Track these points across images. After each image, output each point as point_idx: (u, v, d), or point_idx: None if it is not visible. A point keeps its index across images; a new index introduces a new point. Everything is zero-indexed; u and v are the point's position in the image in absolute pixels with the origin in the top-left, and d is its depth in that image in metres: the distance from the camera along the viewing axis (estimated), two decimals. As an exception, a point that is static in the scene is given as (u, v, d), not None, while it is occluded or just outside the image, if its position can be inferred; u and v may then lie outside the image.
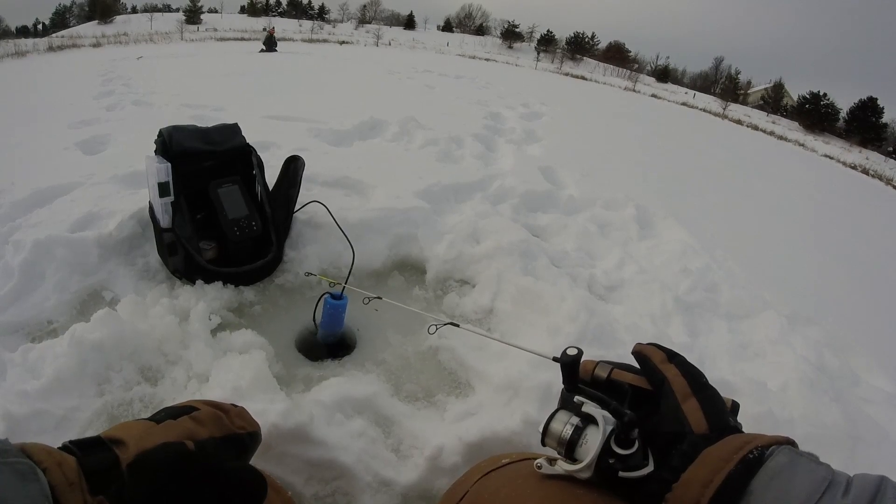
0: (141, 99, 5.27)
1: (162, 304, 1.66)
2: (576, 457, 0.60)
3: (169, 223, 1.86)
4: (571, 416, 0.62)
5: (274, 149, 3.31)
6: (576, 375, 0.68)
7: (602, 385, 0.65)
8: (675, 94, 32.49)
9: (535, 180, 3.41)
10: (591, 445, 0.59)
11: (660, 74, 51.47)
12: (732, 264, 2.77)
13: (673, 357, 0.63)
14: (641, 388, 0.64)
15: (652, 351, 0.66)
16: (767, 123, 28.16)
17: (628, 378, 0.65)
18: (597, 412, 0.60)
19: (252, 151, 2.11)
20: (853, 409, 1.70)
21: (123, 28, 36.35)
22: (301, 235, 2.14)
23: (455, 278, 2.18)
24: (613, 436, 0.58)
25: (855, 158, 21.07)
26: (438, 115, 5.19)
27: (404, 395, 1.56)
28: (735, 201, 4.73)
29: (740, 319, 2.28)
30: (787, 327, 2.19)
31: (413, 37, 46.62)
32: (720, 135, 11.84)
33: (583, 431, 0.60)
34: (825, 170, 11.83)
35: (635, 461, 0.56)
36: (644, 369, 0.65)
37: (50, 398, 1.28)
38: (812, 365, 1.89)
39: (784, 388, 1.76)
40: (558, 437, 0.62)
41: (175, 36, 25.90)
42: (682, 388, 0.59)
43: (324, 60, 12.47)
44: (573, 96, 11.72)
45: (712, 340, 2.09)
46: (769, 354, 2.03)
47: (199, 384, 1.40)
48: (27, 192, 2.40)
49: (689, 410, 0.56)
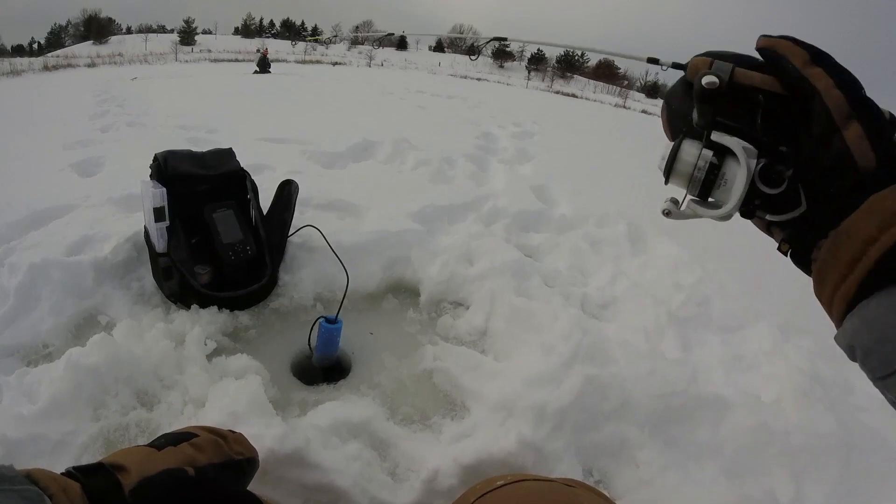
0: (135, 120, 5.30)
1: (158, 328, 1.67)
2: (713, 199, 0.51)
3: (164, 248, 1.87)
4: (702, 148, 0.50)
5: (268, 171, 3.34)
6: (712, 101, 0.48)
7: (720, 94, 0.47)
8: (664, 110, 32.80)
9: (528, 200, 3.45)
10: (732, 186, 0.48)
11: (649, 90, 52.20)
12: (725, 276, 2.77)
13: (820, 58, 0.45)
14: (776, 94, 0.47)
15: (788, 48, 0.46)
16: None
17: (757, 80, 0.47)
18: (732, 142, 0.47)
19: (246, 175, 2.13)
20: (848, 418, 1.70)
21: (118, 48, 36.66)
22: (295, 259, 2.15)
23: (449, 300, 2.20)
24: (758, 171, 0.46)
25: None
26: (431, 136, 5.23)
27: (400, 417, 1.56)
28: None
29: (733, 332, 2.29)
30: (780, 338, 2.19)
31: (405, 57, 47.17)
32: None
33: (719, 168, 0.49)
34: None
35: (785, 202, 0.47)
36: (782, 75, 0.47)
37: (46, 422, 1.28)
38: (806, 375, 1.90)
39: (778, 399, 1.77)
40: (689, 174, 0.50)
41: (169, 57, 26.09)
42: (840, 107, 0.43)
43: (317, 81, 12.58)
44: (564, 114, 11.84)
45: (706, 354, 2.09)
46: (763, 366, 2.04)
47: (196, 409, 1.40)
48: (23, 214, 2.41)
49: (852, 139, 0.42)
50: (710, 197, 0.50)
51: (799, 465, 1.49)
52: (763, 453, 1.51)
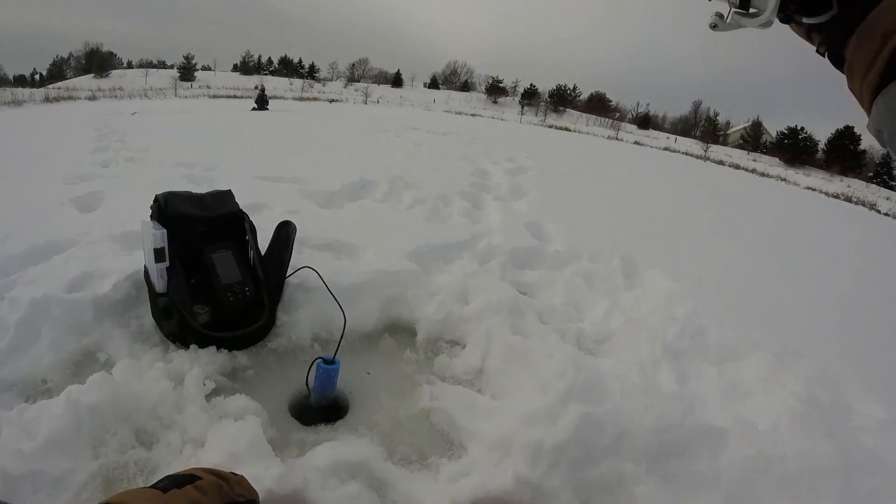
0: (135, 156, 5.36)
1: (157, 367, 1.68)
2: (753, 8, 0.54)
3: (164, 288, 1.90)
4: None
5: (266, 211, 3.38)
6: None
7: None
8: (657, 140, 33.39)
9: (522, 237, 3.50)
10: None
11: (641, 121, 53.06)
12: (719, 306, 2.80)
13: None
14: None
15: None
16: (749, 161, 28.98)
17: None
18: None
19: (245, 217, 2.17)
20: (847, 440, 1.71)
21: (119, 82, 37.14)
22: (293, 299, 2.18)
23: (445, 339, 2.22)
24: None
25: (837, 187, 21.51)
26: (426, 174, 5.31)
27: (398, 457, 1.57)
28: (719, 242, 4.78)
29: (729, 361, 2.28)
30: (776, 365, 2.19)
31: (401, 94, 48.03)
32: (702, 176, 12.13)
33: None
34: (808, 201, 12.00)
35: (817, 4, 0.49)
36: None
37: (45, 459, 1.29)
38: (803, 401, 1.90)
39: (775, 426, 1.77)
40: None
41: (169, 92, 26.51)
42: None
43: (314, 119, 12.78)
44: (558, 148, 12.01)
45: (702, 385, 2.09)
46: (759, 394, 2.03)
47: (195, 448, 1.41)
48: (23, 248, 2.45)
49: None
50: (751, 7, 0.54)
51: (798, 491, 1.50)
52: (761, 482, 1.51)
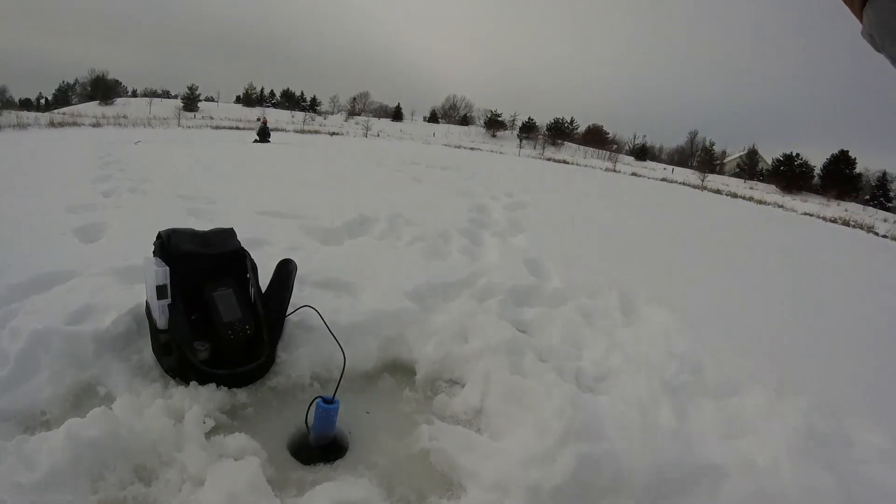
0: (137, 186, 5.40)
1: (157, 404, 1.69)
2: None
3: (165, 324, 1.91)
4: None
5: (267, 247, 3.39)
6: None
7: None
8: (654, 171, 33.84)
9: (521, 274, 3.52)
10: None
11: (638, 153, 53.74)
12: (717, 340, 2.80)
13: None
14: None
15: None
16: (746, 189, 29.32)
17: None
18: None
19: (247, 255, 2.21)
20: (847, 472, 1.71)
21: (123, 110, 37.66)
22: (293, 338, 2.20)
23: (444, 378, 2.23)
24: None
25: (834, 212, 21.78)
26: (425, 210, 5.35)
27: (397, 498, 1.56)
28: (717, 274, 4.80)
29: (728, 396, 2.28)
30: (774, 399, 2.19)
31: (401, 128, 48.78)
32: (700, 206, 12.28)
33: None
34: (806, 227, 12.11)
35: None
36: None
37: (44, 492, 1.29)
38: (803, 434, 1.90)
39: (775, 461, 1.77)
40: None
41: (172, 122, 26.89)
42: None
43: (315, 152, 12.94)
44: (556, 182, 12.13)
45: (701, 421, 2.07)
46: (759, 429, 2.02)
47: (194, 487, 1.41)
48: (25, 277, 2.47)
49: None
50: None
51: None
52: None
